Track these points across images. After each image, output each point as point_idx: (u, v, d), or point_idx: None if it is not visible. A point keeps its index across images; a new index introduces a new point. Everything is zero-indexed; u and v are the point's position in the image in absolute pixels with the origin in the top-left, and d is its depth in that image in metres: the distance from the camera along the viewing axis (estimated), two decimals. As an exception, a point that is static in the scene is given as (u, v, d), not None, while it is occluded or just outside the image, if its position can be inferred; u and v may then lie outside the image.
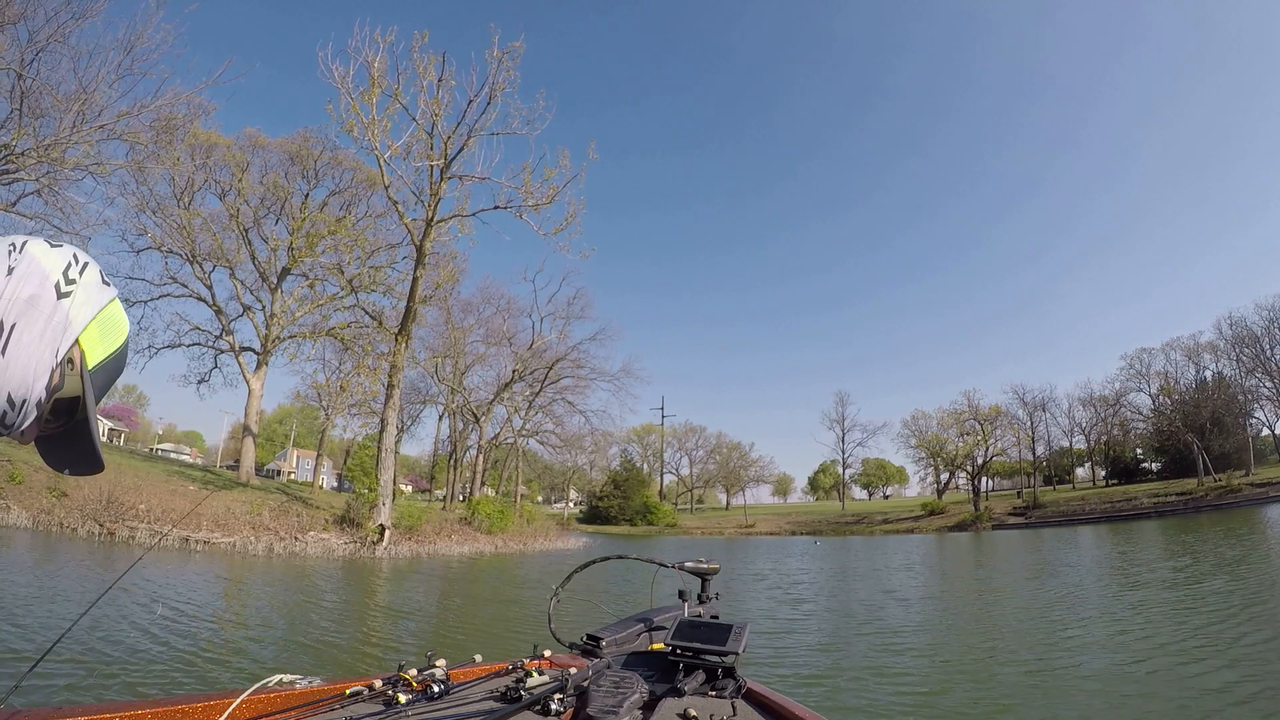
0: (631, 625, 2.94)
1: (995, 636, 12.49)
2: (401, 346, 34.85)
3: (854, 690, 8.87)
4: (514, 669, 2.35)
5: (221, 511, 29.71)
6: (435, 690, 1.98)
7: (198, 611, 13.09)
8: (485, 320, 60.64)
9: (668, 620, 2.92)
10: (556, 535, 51.88)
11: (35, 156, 25.55)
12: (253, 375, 46.25)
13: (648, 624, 2.97)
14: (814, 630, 13.36)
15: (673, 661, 2.28)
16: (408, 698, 1.90)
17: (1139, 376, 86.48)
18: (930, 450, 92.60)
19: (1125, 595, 17.24)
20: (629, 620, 3.02)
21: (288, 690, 1.85)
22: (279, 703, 1.80)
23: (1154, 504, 65.31)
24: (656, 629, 2.96)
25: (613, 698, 1.94)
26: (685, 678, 2.15)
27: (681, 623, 2.40)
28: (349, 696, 1.91)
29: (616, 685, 2.05)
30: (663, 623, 2.98)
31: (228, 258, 45.62)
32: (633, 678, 2.12)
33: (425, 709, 1.86)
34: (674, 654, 2.29)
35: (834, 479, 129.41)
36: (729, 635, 2.24)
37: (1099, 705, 8.01)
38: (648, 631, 2.94)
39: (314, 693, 1.89)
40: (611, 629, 2.87)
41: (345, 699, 1.90)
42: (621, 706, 1.88)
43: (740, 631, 2.25)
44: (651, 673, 2.23)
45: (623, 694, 1.97)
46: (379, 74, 30.48)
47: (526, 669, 2.28)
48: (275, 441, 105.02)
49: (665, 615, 3.04)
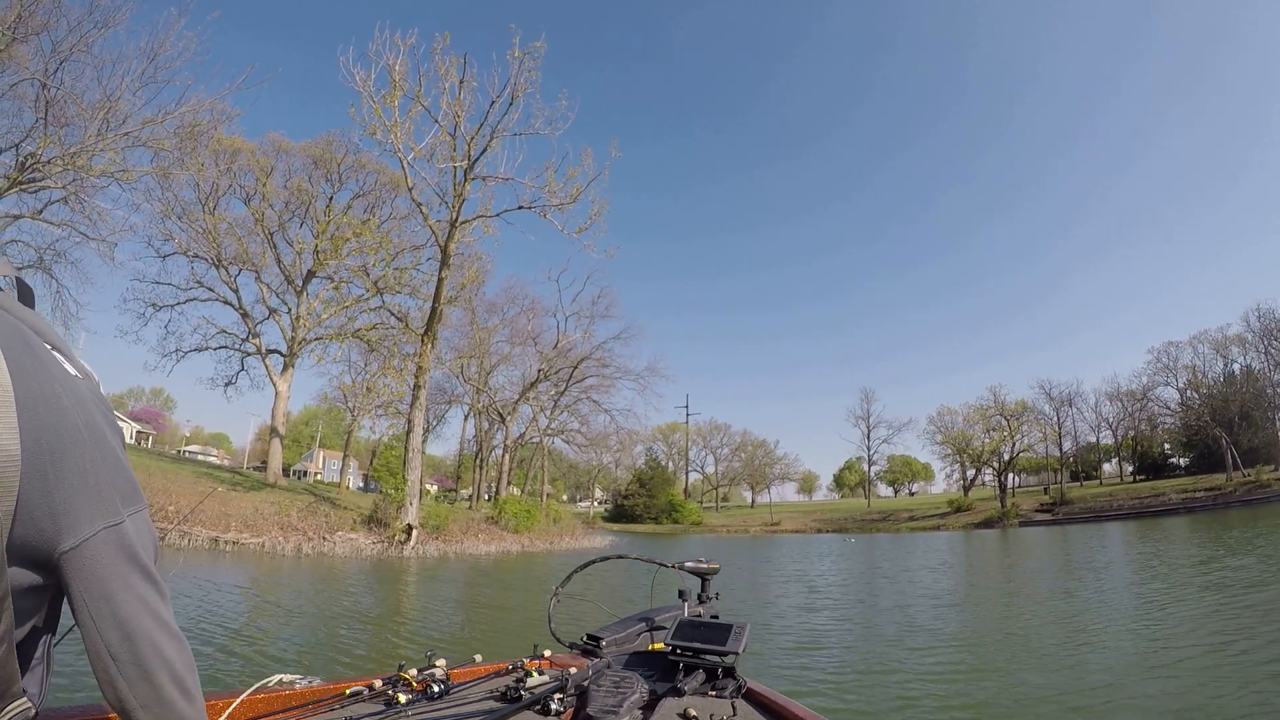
0: (632, 625, 2.95)
1: (1022, 649, 11.34)
2: (427, 347, 34.95)
3: (869, 697, 8.51)
4: (514, 669, 2.38)
5: (250, 512, 29.95)
6: (435, 690, 2.00)
7: (236, 608, 13.14)
8: (510, 320, 60.89)
9: (668, 620, 2.94)
10: (583, 534, 51.95)
11: (61, 164, 25.89)
12: (279, 377, 46.60)
13: (648, 624, 2.98)
14: (846, 641, 12.74)
15: (673, 661, 2.30)
16: (408, 698, 1.92)
17: (1166, 370, 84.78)
18: (956, 446, 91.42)
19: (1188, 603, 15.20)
20: (629, 620, 3.04)
21: (288, 690, 1.87)
22: (279, 703, 1.83)
23: (1182, 500, 64.22)
24: (657, 629, 2.97)
25: (613, 697, 1.97)
26: (685, 678, 2.16)
27: (681, 623, 2.42)
28: (349, 696, 1.93)
29: (616, 685, 2.08)
30: (663, 623, 2.99)
31: (253, 261, 46.00)
32: (633, 678, 2.15)
33: (425, 709, 1.88)
34: (674, 654, 2.31)
35: (859, 476, 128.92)
36: (729, 635, 2.25)
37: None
38: (648, 631, 2.96)
39: (314, 692, 1.91)
40: (612, 629, 2.89)
41: (345, 699, 1.92)
42: (621, 706, 1.91)
43: (740, 631, 2.26)
44: (651, 673, 2.26)
45: (623, 694, 2.00)
46: (400, 77, 30.56)
47: (526, 669, 2.31)
48: (301, 443, 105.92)
49: (665, 615, 3.05)
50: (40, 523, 1.06)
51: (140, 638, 1.15)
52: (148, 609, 1.18)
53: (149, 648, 1.16)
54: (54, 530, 1.08)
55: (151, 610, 1.19)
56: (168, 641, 1.20)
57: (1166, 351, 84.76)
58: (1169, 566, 21.87)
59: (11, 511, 1.01)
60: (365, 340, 44.64)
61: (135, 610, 1.16)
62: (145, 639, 1.16)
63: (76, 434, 1.11)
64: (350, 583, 20.35)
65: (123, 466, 1.23)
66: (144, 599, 1.18)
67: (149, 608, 1.18)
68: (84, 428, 1.14)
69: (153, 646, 1.17)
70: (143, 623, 1.16)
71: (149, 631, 1.17)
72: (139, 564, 1.19)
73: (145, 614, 1.17)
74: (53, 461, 1.06)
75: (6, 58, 26.10)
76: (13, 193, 27.35)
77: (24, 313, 1.22)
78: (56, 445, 1.07)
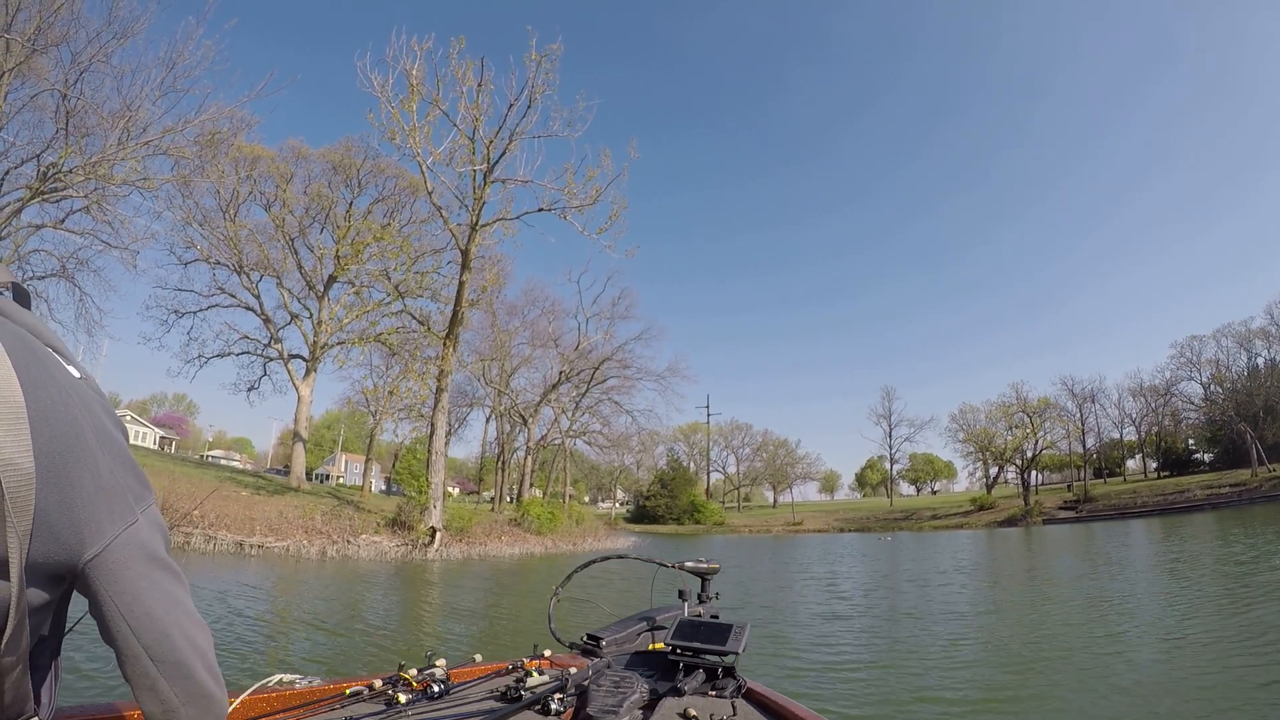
0: (632, 625, 2.96)
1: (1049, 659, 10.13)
2: (449, 351, 34.95)
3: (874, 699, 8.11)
4: (514, 669, 2.38)
5: (274, 516, 30.07)
6: (435, 690, 2.00)
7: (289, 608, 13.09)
8: (530, 322, 60.92)
9: (668, 620, 2.93)
10: (605, 535, 51.90)
11: (83, 174, 26.07)
12: (301, 382, 46.96)
13: (648, 624, 2.99)
14: (863, 646, 12.16)
15: (673, 661, 2.31)
16: (408, 697, 1.92)
17: (1190, 365, 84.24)
18: (978, 444, 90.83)
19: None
20: (629, 620, 3.06)
21: (288, 690, 1.88)
22: (279, 702, 1.83)
23: (1207, 496, 63.36)
24: (657, 629, 2.98)
25: (613, 697, 1.98)
26: (685, 677, 2.16)
27: (681, 622, 2.43)
28: (349, 696, 1.93)
29: (616, 685, 2.09)
30: (663, 622, 2.99)
31: (274, 267, 46.43)
32: (633, 677, 2.16)
33: (425, 709, 1.89)
34: (674, 654, 2.32)
35: (881, 475, 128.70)
36: (729, 635, 2.26)
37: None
38: (648, 631, 2.97)
39: (314, 692, 1.92)
40: (612, 629, 2.90)
41: (345, 699, 1.92)
42: (621, 706, 1.91)
43: (740, 631, 2.27)
44: (652, 672, 2.27)
45: (623, 694, 2.01)
46: (417, 81, 30.55)
47: (527, 669, 2.32)
48: (324, 446, 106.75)
49: (665, 615, 3.05)
50: (62, 535, 1.02)
51: (176, 633, 1.15)
52: (176, 602, 1.18)
53: (184, 641, 1.16)
54: (76, 541, 1.04)
55: (179, 602, 1.19)
56: (198, 630, 1.21)
57: (1190, 345, 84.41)
58: (1222, 567, 21.28)
59: (29, 531, 0.97)
60: (387, 344, 44.79)
61: (166, 606, 1.15)
62: (180, 633, 1.16)
63: (86, 440, 1.08)
64: (377, 584, 20.32)
65: (131, 463, 1.22)
66: (170, 593, 1.18)
67: (176, 600, 1.18)
68: (92, 431, 1.10)
69: (187, 639, 1.17)
70: (175, 616, 1.16)
71: (182, 624, 1.17)
72: (159, 559, 1.18)
73: (175, 607, 1.17)
74: (67, 472, 1.03)
75: (26, 70, 26.37)
76: (35, 202, 27.64)
77: (22, 315, 1.19)
78: (70, 455, 1.04)
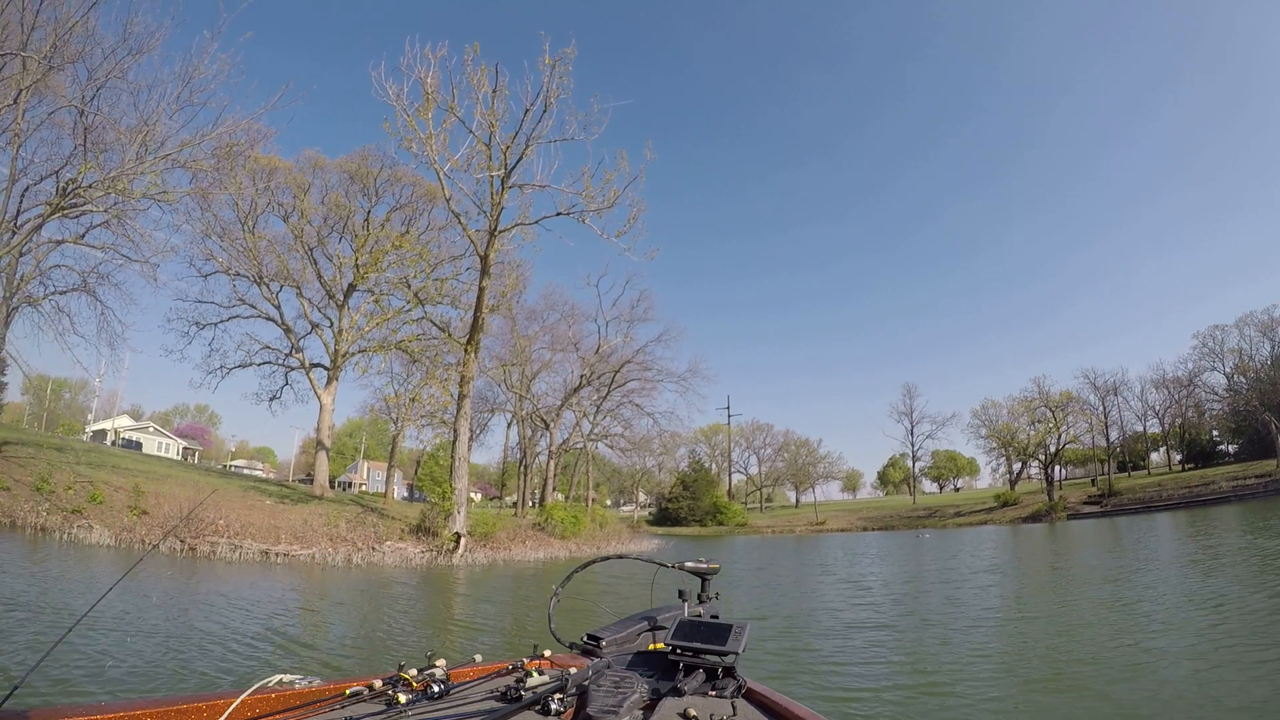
0: (632, 625, 2.97)
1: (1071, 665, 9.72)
2: (471, 356, 34.96)
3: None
4: (514, 669, 2.38)
5: (299, 524, 30.23)
6: (435, 690, 1.99)
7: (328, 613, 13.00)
8: (550, 327, 61.15)
9: (668, 620, 2.92)
10: (629, 538, 51.86)
11: (102, 189, 26.21)
12: (323, 391, 47.12)
13: (648, 624, 3.00)
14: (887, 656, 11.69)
15: (673, 661, 2.31)
16: (408, 698, 1.91)
17: (1212, 355, 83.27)
18: (1001, 440, 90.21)
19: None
20: (629, 620, 3.06)
21: (288, 690, 1.87)
22: (279, 703, 1.82)
23: (1233, 488, 62.72)
24: (657, 629, 2.99)
25: (613, 697, 1.98)
26: (685, 677, 2.17)
27: (681, 623, 2.43)
28: (349, 696, 1.92)
29: (617, 685, 2.09)
30: (663, 622, 2.99)
31: (294, 277, 46.67)
32: (633, 677, 2.17)
33: (426, 709, 1.87)
34: (674, 654, 2.32)
35: (904, 473, 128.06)
36: (729, 635, 2.26)
37: None
38: (648, 631, 2.98)
39: (314, 692, 1.91)
40: (612, 629, 2.90)
41: (345, 699, 1.92)
42: (621, 706, 1.91)
43: (740, 631, 2.27)
44: (652, 672, 2.27)
45: (623, 694, 2.01)
46: (432, 89, 30.60)
47: (527, 669, 2.31)
48: (346, 455, 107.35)
49: (665, 615, 3.05)
50: None
51: None
52: None
53: None
54: None
55: None
56: None
57: (1212, 335, 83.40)
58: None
59: None
60: (408, 351, 44.91)
61: None
62: None
63: None
64: (405, 589, 20.27)
65: None
66: None
67: None
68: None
69: None
70: None
71: None
72: None
73: None
74: None
75: (44, 87, 26.59)
76: (55, 218, 27.85)
77: None
78: None
